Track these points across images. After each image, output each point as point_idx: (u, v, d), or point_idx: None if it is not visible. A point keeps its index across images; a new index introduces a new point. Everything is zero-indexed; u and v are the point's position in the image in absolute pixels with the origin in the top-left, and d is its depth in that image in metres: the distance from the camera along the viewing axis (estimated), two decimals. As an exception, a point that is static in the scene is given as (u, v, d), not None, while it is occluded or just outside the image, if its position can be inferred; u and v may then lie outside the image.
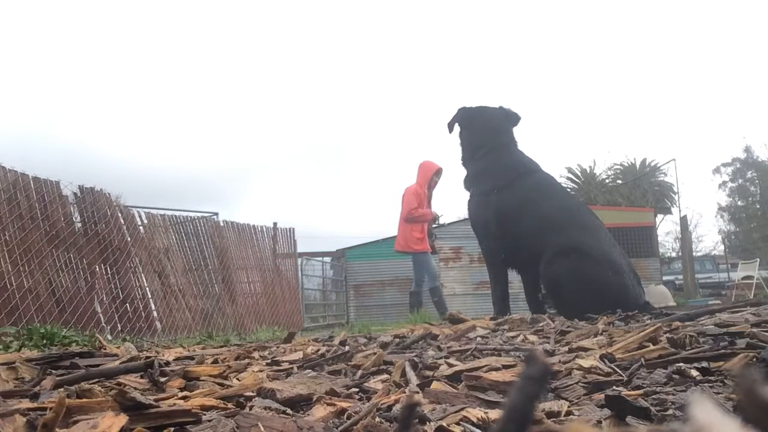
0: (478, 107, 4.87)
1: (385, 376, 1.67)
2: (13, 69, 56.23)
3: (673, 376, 1.43)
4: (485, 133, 4.69)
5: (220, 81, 65.02)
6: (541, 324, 3.04)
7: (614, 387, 1.35)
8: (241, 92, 69.42)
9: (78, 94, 66.56)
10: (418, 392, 1.35)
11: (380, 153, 68.61)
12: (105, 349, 2.89)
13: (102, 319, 7.08)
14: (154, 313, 8.03)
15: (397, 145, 67.95)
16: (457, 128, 4.95)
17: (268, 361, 2.15)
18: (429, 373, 1.65)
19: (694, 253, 20.69)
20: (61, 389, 1.48)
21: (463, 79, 57.26)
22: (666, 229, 37.07)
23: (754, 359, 1.51)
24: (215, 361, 2.16)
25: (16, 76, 59.81)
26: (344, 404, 1.28)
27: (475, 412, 1.13)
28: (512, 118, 4.83)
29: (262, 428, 1.06)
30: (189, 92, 69.90)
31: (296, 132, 64.19)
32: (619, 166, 37.94)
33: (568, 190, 12.11)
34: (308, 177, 61.48)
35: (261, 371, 1.85)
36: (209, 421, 1.13)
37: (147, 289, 8.07)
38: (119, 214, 8.03)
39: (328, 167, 62.63)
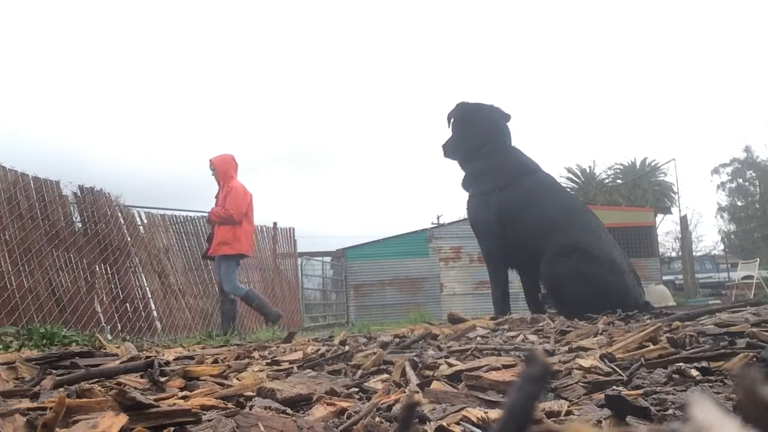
0: (477, 104, 4.85)
1: (385, 376, 1.67)
2: (13, 71, 56.25)
3: (673, 376, 1.43)
4: (484, 132, 4.68)
5: (219, 82, 65.08)
6: (541, 324, 3.04)
7: (614, 387, 1.35)
8: (241, 92, 69.46)
9: (78, 96, 66.60)
10: (418, 392, 1.35)
11: (379, 153, 68.63)
12: (105, 348, 2.89)
13: (102, 318, 7.08)
14: (154, 313, 8.03)
15: (397, 146, 67.98)
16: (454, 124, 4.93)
17: (268, 360, 2.15)
18: (429, 372, 1.65)
19: (694, 253, 20.69)
20: (61, 389, 1.48)
21: (462, 78, 57.29)
22: (666, 229, 37.11)
23: (754, 359, 1.51)
24: (215, 361, 2.16)
25: (17, 77, 59.84)
26: (344, 404, 1.28)
27: (475, 412, 1.13)
28: (506, 117, 4.84)
29: (262, 428, 1.06)
30: (188, 93, 69.94)
31: (296, 132, 64.22)
32: (619, 166, 37.98)
33: (568, 190, 12.11)
34: (308, 177, 61.52)
35: (261, 371, 1.85)
36: (209, 420, 1.13)
37: (147, 289, 8.07)
38: (119, 214, 8.03)
39: (328, 167, 62.66)
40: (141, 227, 8.49)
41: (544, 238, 4.19)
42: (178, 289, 8.62)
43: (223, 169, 6.73)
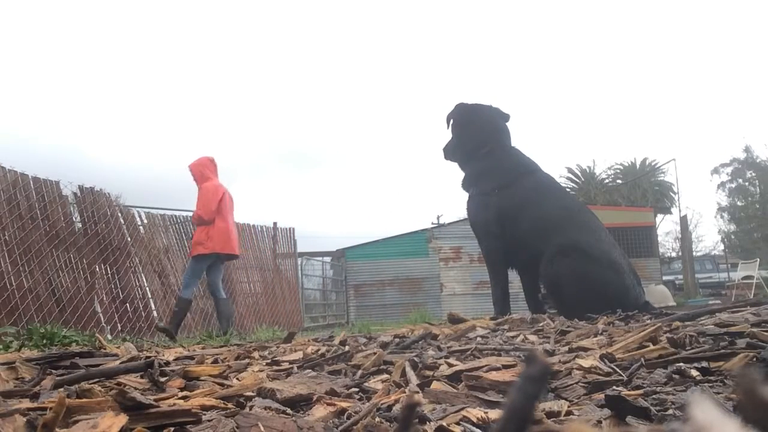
0: (476, 105, 4.85)
1: (385, 376, 1.67)
2: (13, 71, 56.26)
3: (673, 376, 1.43)
4: (484, 133, 4.68)
5: (218, 82, 65.09)
6: (541, 324, 3.04)
7: (614, 387, 1.35)
8: (241, 93, 69.46)
9: (78, 96, 66.60)
10: (418, 392, 1.35)
11: (379, 153, 68.65)
12: (105, 349, 2.89)
13: (102, 319, 7.08)
14: (154, 313, 8.03)
15: (397, 146, 68.00)
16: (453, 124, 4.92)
17: (268, 361, 2.15)
18: (429, 373, 1.65)
19: (694, 253, 20.70)
20: (61, 389, 1.48)
21: (462, 78, 57.30)
22: (666, 229, 37.11)
23: (754, 359, 1.51)
24: (215, 361, 2.16)
25: (16, 77, 59.84)
26: (344, 404, 1.28)
27: (475, 412, 1.13)
28: (505, 118, 4.84)
29: (262, 428, 1.06)
30: (188, 94, 69.94)
31: (296, 132, 64.21)
32: (619, 166, 37.97)
33: (568, 190, 12.11)
34: (308, 177, 61.54)
35: (261, 371, 1.85)
36: (209, 421, 1.13)
37: (147, 289, 8.07)
38: (119, 214, 8.04)
39: (328, 167, 62.68)
40: (141, 227, 8.50)
41: (543, 238, 4.19)
42: (178, 289, 8.61)
43: (199, 172, 6.74)
